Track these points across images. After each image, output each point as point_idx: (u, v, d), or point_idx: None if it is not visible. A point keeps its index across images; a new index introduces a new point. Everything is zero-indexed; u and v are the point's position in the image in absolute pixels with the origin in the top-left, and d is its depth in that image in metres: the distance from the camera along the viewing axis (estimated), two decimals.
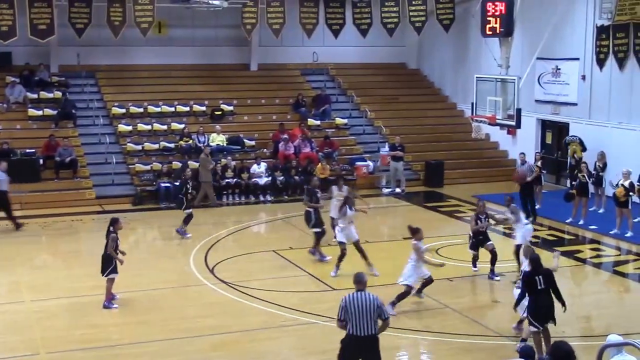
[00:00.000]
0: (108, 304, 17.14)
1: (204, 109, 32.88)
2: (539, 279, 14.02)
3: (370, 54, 37.12)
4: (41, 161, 28.45)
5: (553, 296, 14.07)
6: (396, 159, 30.46)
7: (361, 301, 11.76)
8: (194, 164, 28.85)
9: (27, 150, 28.54)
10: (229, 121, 32.76)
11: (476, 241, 19.39)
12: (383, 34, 33.21)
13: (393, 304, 16.56)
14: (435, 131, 35.01)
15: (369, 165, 31.41)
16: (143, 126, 31.18)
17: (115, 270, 17.14)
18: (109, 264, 17.09)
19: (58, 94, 31.83)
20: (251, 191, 29.13)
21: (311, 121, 33.10)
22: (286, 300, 17.51)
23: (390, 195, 30.25)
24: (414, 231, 17.31)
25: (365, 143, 33.27)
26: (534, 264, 14.35)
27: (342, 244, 19.35)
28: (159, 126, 31.35)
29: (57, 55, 33.30)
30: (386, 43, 35.14)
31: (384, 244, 23.16)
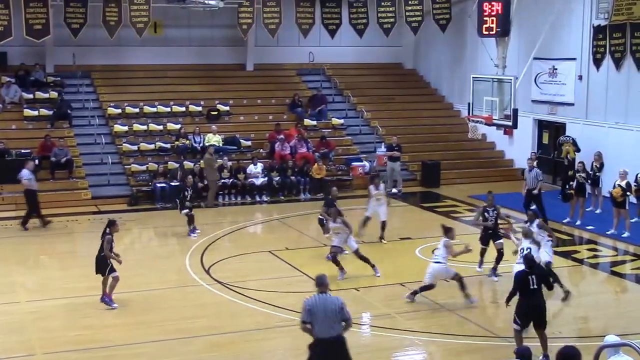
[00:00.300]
0: (109, 301, 17.07)
1: (200, 109, 32.82)
2: (532, 278, 13.99)
3: (366, 54, 37.06)
4: (37, 161, 28.30)
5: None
6: (393, 159, 30.40)
7: (325, 303, 11.76)
8: (189, 164, 28.83)
9: (23, 151, 28.44)
10: (225, 121, 32.68)
11: (485, 235, 19.31)
12: (379, 34, 33.19)
13: (467, 297, 17.19)
14: (432, 131, 34.97)
15: (365, 165, 31.35)
16: (139, 126, 31.10)
17: (113, 269, 17.08)
18: (106, 265, 17.03)
19: (54, 94, 31.75)
20: (247, 191, 29.07)
21: (307, 121, 33.04)
22: (282, 300, 17.46)
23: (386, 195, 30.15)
24: (446, 230, 17.55)
25: (362, 143, 33.22)
26: (528, 262, 14.34)
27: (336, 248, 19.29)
28: (154, 126, 31.27)
29: (53, 55, 33.24)
30: (382, 43, 35.13)
31: (380, 244, 23.05)
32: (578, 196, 24.86)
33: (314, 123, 33.24)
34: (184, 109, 32.60)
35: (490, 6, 26.38)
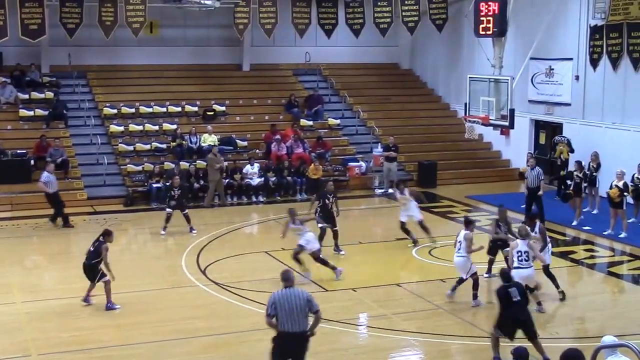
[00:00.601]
0: (111, 306, 16.99)
1: (196, 109, 32.75)
2: (513, 291, 13.89)
3: (362, 54, 37.03)
4: (32, 162, 28.30)
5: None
6: (390, 159, 30.35)
7: (291, 297, 11.79)
8: (185, 165, 28.79)
9: (18, 151, 28.41)
10: (221, 121, 32.63)
11: (494, 246, 19.11)
12: (376, 34, 33.14)
13: (475, 297, 17.20)
14: (428, 131, 34.94)
15: (362, 165, 31.32)
16: (135, 127, 31.04)
17: (104, 274, 17.00)
18: (96, 272, 16.93)
19: (49, 95, 31.68)
20: (243, 192, 29.01)
21: (304, 121, 32.98)
22: None
23: (382, 195, 30.15)
24: (468, 222, 17.66)
25: (358, 143, 33.17)
26: (504, 277, 14.24)
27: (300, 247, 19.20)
28: (150, 127, 31.21)
29: (48, 55, 33.15)
30: (379, 43, 35.08)
31: (377, 244, 23.04)
32: (575, 196, 24.82)
33: (310, 123, 33.18)
34: (180, 109, 32.54)
35: (486, 6, 26.36)
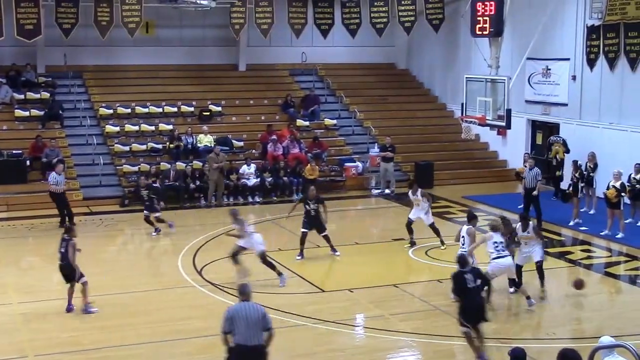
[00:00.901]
0: (88, 309, 16.82)
1: (192, 109, 32.69)
2: (469, 276, 13.88)
3: (359, 54, 36.98)
4: (28, 162, 28.23)
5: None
6: (386, 159, 30.31)
7: (247, 311, 11.65)
8: (181, 165, 28.76)
9: (14, 151, 28.35)
10: (217, 122, 32.57)
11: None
12: (372, 34, 33.14)
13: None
14: (425, 132, 34.91)
15: (358, 166, 31.27)
16: (131, 127, 30.97)
17: (82, 274, 16.83)
18: (74, 270, 16.76)
19: (45, 95, 31.60)
20: (240, 192, 28.96)
21: (300, 122, 32.94)
22: (274, 302, 17.33)
23: (379, 196, 30.11)
24: (471, 217, 17.70)
25: (355, 144, 33.12)
26: (461, 261, 14.20)
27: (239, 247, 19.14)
28: (146, 127, 31.14)
29: (44, 55, 33.07)
30: (375, 43, 35.08)
31: (373, 245, 22.98)
32: (573, 196, 24.81)
33: (307, 123, 33.14)
34: (175, 109, 32.47)
35: (483, 6, 26.32)
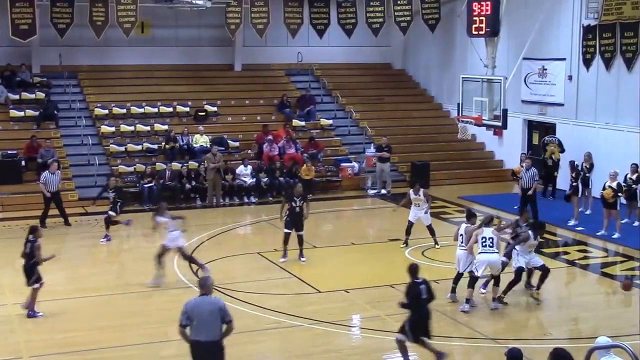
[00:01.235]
0: (33, 313, 16.60)
1: (187, 109, 32.63)
2: (423, 287, 13.72)
3: (355, 54, 36.96)
4: (23, 163, 28.16)
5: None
6: (382, 160, 30.27)
7: (204, 305, 11.49)
8: (177, 165, 28.69)
9: (9, 152, 28.27)
10: (212, 122, 32.52)
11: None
12: (368, 34, 33.08)
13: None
14: (421, 132, 34.88)
15: (354, 166, 31.23)
16: (126, 127, 30.91)
17: (40, 279, 16.63)
18: (33, 274, 16.58)
19: (40, 95, 31.53)
20: (235, 192, 28.91)
21: (296, 122, 32.89)
22: (270, 302, 17.32)
23: (375, 196, 30.08)
24: (470, 215, 17.66)
25: (351, 144, 33.10)
26: (413, 272, 13.89)
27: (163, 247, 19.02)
28: (142, 127, 31.08)
29: (39, 55, 32.99)
30: (371, 43, 35.02)
31: (370, 245, 22.95)
32: (573, 195, 24.84)
33: (303, 124, 33.09)
34: (171, 109, 32.42)
35: (479, 6, 26.32)
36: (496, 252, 16.92)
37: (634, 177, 24.25)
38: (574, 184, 24.87)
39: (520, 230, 18.00)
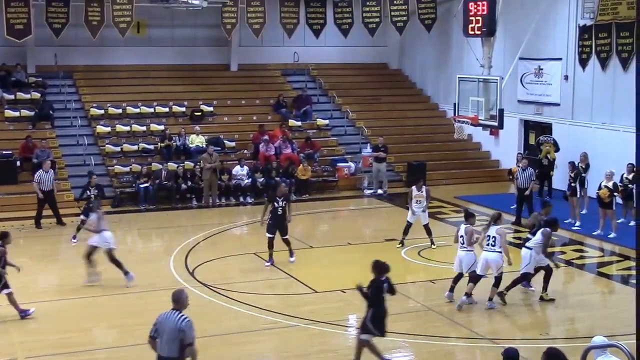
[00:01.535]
0: (24, 314, 16.49)
1: (183, 109, 32.60)
2: (386, 285, 13.65)
3: (351, 54, 36.94)
4: (18, 163, 28.11)
5: None
6: (379, 160, 30.26)
7: (169, 322, 11.16)
8: (173, 165, 28.67)
9: (4, 152, 28.23)
10: (208, 122, 32.47)
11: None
12: (364, 34, 33.09)
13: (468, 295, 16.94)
14: (417, 132, 34.87)
15: (351, 166, 31.21)
16: (122, 127, 30.86)
17: (7, 285, 16.35)
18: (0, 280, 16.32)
19: (35, 95, 31.46)
20: (231, 193, 28.88)
21: (292, 122, 32.87)
22: (267, 303, 17.29)
23: (372, 196, 30.06)
24: (468, 215, 17.62)
25: (347, 144, 33.07)
26: (379, 269, 13.83)
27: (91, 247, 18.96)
28: (137, 127, 31.03)
29: (34, 55, 32.91)
30: (367, 43, 35.04)
31: (366, 245, 22.91)
32: (571, 195, 24.85)
33: (299, 124, 33.07)
34: (167, 109, 32.38)
35: (475, 6, 26.29)
36: (497, 252, 16.89)
37: (630, 177, 24.23)
38: (573, 184, 24.87)
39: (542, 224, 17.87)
